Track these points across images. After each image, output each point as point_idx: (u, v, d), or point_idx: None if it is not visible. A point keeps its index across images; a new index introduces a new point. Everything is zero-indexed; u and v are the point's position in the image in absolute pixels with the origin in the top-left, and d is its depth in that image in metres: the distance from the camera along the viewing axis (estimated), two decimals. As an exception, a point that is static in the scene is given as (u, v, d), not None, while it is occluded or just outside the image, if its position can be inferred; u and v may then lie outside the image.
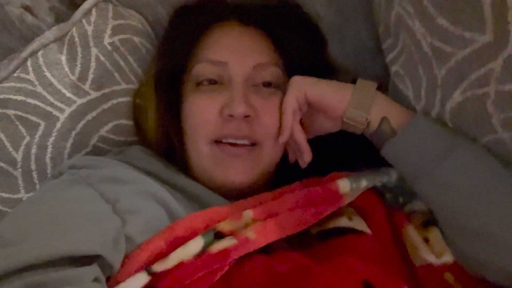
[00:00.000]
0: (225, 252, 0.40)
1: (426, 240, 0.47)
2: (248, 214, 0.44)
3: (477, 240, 0.44)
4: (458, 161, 0.44)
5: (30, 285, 0.32)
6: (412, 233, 0.48)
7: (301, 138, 0.53)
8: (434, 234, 0.47)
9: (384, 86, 0.55)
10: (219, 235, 0.41)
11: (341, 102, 0.50)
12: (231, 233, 0.42)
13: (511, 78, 0.38)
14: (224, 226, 0.42)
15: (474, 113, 0.43)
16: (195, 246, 0.40)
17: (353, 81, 0.51)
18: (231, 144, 0.51)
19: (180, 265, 0.39)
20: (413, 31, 0.44)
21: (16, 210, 0.46)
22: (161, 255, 0.40)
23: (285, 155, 0.58)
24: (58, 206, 0.41)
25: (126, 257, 0.41)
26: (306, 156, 0.53)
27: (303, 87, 0.51)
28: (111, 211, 0.42)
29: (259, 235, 0.42)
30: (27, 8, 0.64)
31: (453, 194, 0.44)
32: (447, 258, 0.46)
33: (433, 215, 0.48)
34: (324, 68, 0.59)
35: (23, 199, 0.56)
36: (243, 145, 0.51)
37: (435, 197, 0.46)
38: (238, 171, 0.51)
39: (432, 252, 0.46)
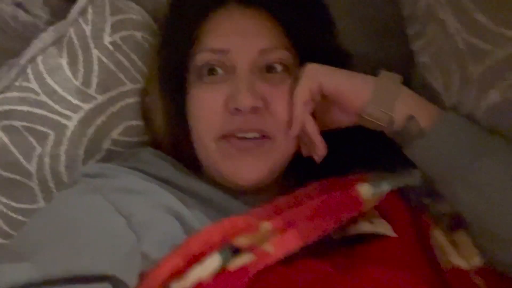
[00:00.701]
0: (244, 269, 0.39)
1: (454, 243, 0.46)
2: (266, 226, 0.42)
3: (507, 243, 0.42)
4: (490, 164, 0.41)
5: None
6: (439, 236, 0.46)
7: (313, 130, 0.49)
8: (462, 237, 0.46)
9: (407, 73, 0.51)
10: (236, 251, 0.40)
11: (361, 96, 0.46)
12: (249, 248, 0.41)
13: (558, 82, 0.34)
14: (241, 241, 0.41)
15: (512, 115, 0.39)
16: (213, 263, 0.39)
17: (375, 73, 0.47)
18: (239, 138, 0.49)
19: (199, 285, 0.39)
20: (445, 23, 0.39)
21: (30, 222, 0.46)
22: (179, 272, 0.40)
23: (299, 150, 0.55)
24: (72, 218, 0.41)
25: (143, 274, 0.41)
26: (320, 150, 0.49)
27: (318, 77, 0.47)
28: (126, 225, 0.42)
29: (277, 247, 0.41)
30: (18, 5, 0.60)
31: (484, 197, 0.42)
32: (477, 261, 0.44)
33: (460, 217, 0.46)
34: (337, 55, 0.54)
35: (42, 208, 0.57)
36: (254, 138, 0.49)
37: (464, 200, 0.43)
38: (249, 166, 0.48)
39: (460, 255, 0.45)
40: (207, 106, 0.49)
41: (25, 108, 0.53)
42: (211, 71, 0.50)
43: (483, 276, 0.44)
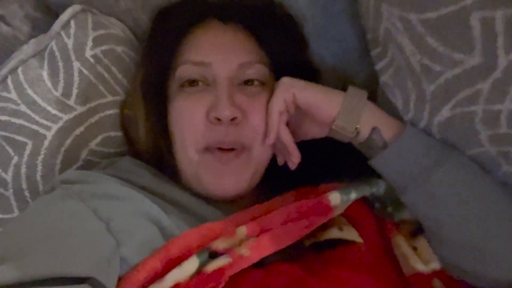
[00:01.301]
0: (220, 271, 0.40)
1: (415, 249, 0.49)
2: (242, 230, 0.44)
3: (464, 252, 0.45)
4: (447, 173, 0.45)
5: None
6: (401, 243, 0.49)
7: (288, 139, 0.52)
8: (421, 242, 0.49)
9: (373, 89, 0.56)
10: (213, 254, 0.42)
11: (331, 108, 0.49)
12: (226, 251, 0.42)
13: (499, 99, 0.39)
14: (218, 245, 0.43)
15: (463, 128, 0.43)
16: (190, 266, 0.41)
17: (343, 88, 0.51)
18: (221, 150, 0.51)
19: (176, 286, 0.40)
20: (402, 46, 0.43)
21: (8, 226, 0.46)
22: (157, 275, 0.41)
23: (273, 163, 0.58)
24: (51, 222, 0.41)
25: (122, 278, 0.41)
26: (294, 158, 0.53)
27: (292, 89, 0.50)
28: (105, 230, 0.42)
29: (253, 251, 0.43)
30: (0, 18, 0.61)
31: (441, 206, 0.45)
32: (435, 265, 0.48)
33: (420, 224, 0.49)
34: (309, 70, 0.58)
35: (17, 218, 0.56)
36: (233, 149, 0.51)
37: (423, 208, 0.47)
38: (230, 178, 0.50)
39: (420, 260, 0.48)
40: (189, 116, 0.51)
41: (3, 118, 0.53)
42: (192, 82, 0.52)
43: (442, 278, 0.47)
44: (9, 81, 0.55)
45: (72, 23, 0.56)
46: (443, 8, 0.37)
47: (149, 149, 0.57)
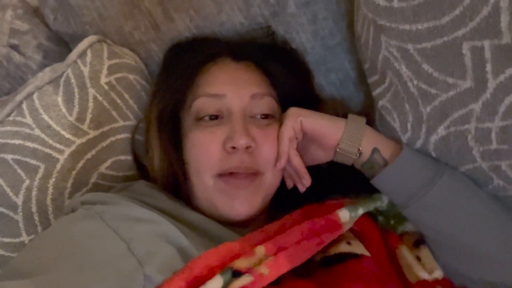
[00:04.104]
0: None
1: (418, 259, 0.52)
2: (260, 250, 0.46)
3: (466, 259, 0.49)
4: (444, 187, 0.49)
5: None
6: (405, 253, 0.52)
7: (299, 163, 0.56)
8: (424, 252, 0.52)
9: (368, 114, 0.60)
10: (236, 273, 0.44)
11: (335, 134, 0.54)
12: (247, 270, 0.44)
13: (489, 118, 0.44)
14: (240, 264, 0.44)
15: (457, 145, 0.48)
16: (215, 285, 0.42)
17: (344, 116, 0.56)
18: (233, 173, 0.53)
19: None
20: (400, 73, 0.48)
21: (32, 243, 0.46)
22: None
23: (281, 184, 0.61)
24: (73, 241, 0.42)
25: None
26: (305, 181, 0.56)
27: (300, 117, 0.55)
28: (126, 249, 0.43)
29: (271, 269, 0.44)
30: (14, 47, 0.64)
31: (440, 217, 0.50)
32: (438, 274, 0.51)
33: (422, 235, 0.53)
34: (312, 99, 0.63)
35: (25, 242, 0.56)
36: (245, 174, 0.54)
37: (424, 220, 0.51)
38: (243, 201, 0.53)
39: (424, 269, 0.51)
40: (205, 146, 0.53)
41: (17, 141, 0.55)
42: (210, 116, 0.55)
43: (444, 286, 0.50)
44: (24, 106, 0.56)
45: (89, 52, 0.59)
46: (438, 38, 0.43)
47: (164, 175, 0.58)
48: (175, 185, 0.57)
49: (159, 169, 0.57)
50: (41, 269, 0.38)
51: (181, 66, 0.59)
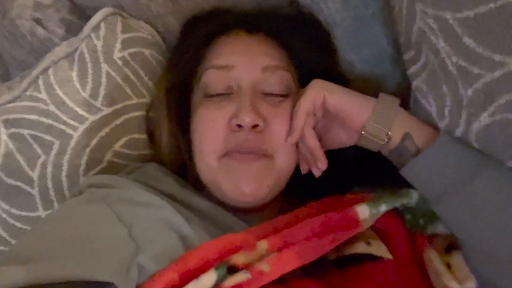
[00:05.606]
0: (238, 287, 0.39)
1: (449, 266, 0.45)
2: (263, 245, 0.43)
3: (504, 267, 0.42)
4: (486, 184, 0.42)
5: None
6: (434, 258, 0.46)
7: (314, 143, 0.50)
8: (457, 259, 0.45)
9: (404, 97, 0.53)
10: (232, 269, 0.40)
11: (362, 114, 0.47)
12: (245, 266, 0.41)
13: (545, 105, 0.35)
14: (237, 259, 0.41)
15: (503, 136, 0.40)
16: (208, 280, 0.39)
17: (375, 95, 0.49)
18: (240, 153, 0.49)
19: None
20: (437, 48, 0.41)
21: (34, 228, 0.47)
22: (174, 287, 0.40)
23: (298, 171, 0.55)
24: (76, 226, 0.42)
25: (139, 287, 0.41)
26: (321, 164, 0.50)
27: (323, 91, 0.49)
28: (127, 235, 0.42)
29: (274, 267, 0.41)
30: (37, 21, 0.63)
31: (476, 218, 0.43)
32: (470, 284, 0.44)
33: (456, 239, 0.46)
34: (337, 78, 0.56)
35: (42, 217, 0.57)
36: (251, 151, 0.49)
37: (460, 220, 0.44)
38: (249, 180, 0.48)
39: (454, 278, 0.44)
40: (210, 123, 0.50)
41: (33, 117, 0.55)
42: (219, 95, 0.51)
43: None
44: (40, 81, 0.56)
45: (102, 25, 0.57)
46: (482, 6, 0.35)
47: (171, 156, 0.57)
48: (183, 166, 0.54)
49: (167, 149, 0.55)
50: (40, 254, 0.37)
51: (193, 38, 0.56)
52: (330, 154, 0.52)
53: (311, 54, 0.56)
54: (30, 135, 0.55)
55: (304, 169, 0.54)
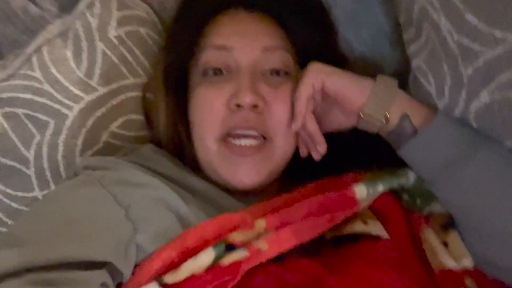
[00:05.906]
0: (236, 264, 0.39)
1: (445, 244, 0.45)
2: (261, 224, 0.43)
3: (498, 244, 0.43)
4: (482, 164, 0.42)
5: (38, 282, 0.33)
6: (430, 237, 0.46)
7: (314, 127, 0.50)
8: (453, 237, 0.45)
9: (403, 78, 0.52)
10: (230, 247, 0.41)
11: (360, 96, 0.47)
12: (243, 244, 0.41)
13: (546, 82, 0.35)
14: (235, 237, 0.41)
15: (502, 115, 0.40)
16: (206, 258, 0.39)
17: (373, 76, 0.49)
18: (240, 137, 0.49)
19: (191, 277, 0.39)
20: (438, 26, 0.40)
21: (30, 210, 0.47)
22: (172, 265, 0.40)
23: (297, 152, 0.55)
24: (72, 208, 0.42)
25: (137, 265, 0.41)
26: (320, 148, 0.50)
27: (322, 75, 0.48)
28: (124, 216, 0.42)
29: (271, 245, 0.41)
30: (30, -1, 0.62)
31: (475, 197, 0.43)
32: (467, 262, 0.44)
33: (452, 218, 0.46)
34: (337, 59, 0.56)
35: (38, 197, 0.57)
36: (252, 142, 0.49)
37: (456, 200, 0.44)
38: (248, 170, 0.48)
39: (451, 256, 0.45)
40: (209, 104, 0.49)
41: (27, 96, 0.54)
42: (215, 70, 0.51)
43: (474, 277, 0.44)
44: (34, 59, 0.55)
45: (97, 2, 0.56)
46: (486, -20, 0.34)
47: (169, 137, 0.56)
48: (180, 148, 0.54)
49: (164, 129, 0.55)
50: (36, 237, 0.37)
51: (190, 17, 0.55)
52: (329, 136, 0.52)
53: (310, 34, 0.55)
54: (25, 114, 0.54)
55: (303, 153, 0.54)
